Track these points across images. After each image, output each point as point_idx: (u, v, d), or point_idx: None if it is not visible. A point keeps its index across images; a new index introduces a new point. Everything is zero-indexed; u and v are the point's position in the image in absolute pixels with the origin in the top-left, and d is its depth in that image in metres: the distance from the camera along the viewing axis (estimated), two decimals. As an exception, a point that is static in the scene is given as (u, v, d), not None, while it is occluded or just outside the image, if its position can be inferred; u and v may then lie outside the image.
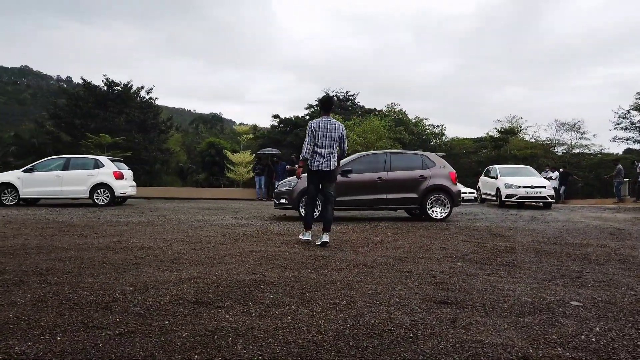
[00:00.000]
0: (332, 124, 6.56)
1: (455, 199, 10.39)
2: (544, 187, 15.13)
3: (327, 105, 6.77)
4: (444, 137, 47.44)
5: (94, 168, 14.11)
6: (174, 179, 54.13)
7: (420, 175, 10.32)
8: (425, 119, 48.56)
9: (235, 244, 6.46)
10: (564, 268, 5.15)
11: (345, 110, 49.78)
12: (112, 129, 46.11)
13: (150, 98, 51.21)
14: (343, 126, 6.74)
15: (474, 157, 42.72)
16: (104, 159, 14.63)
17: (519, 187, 14.99)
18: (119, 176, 14.22)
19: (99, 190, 14.02)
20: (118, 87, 49.53)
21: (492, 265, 5.22)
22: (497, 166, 17.81)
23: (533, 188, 14.96)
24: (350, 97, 52.45)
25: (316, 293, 3.87)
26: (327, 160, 6.46)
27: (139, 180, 45.69)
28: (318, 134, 6.43)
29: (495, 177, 16.42)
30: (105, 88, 49.45)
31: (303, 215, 9.69)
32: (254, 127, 63.81)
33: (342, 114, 46.08)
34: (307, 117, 49.54)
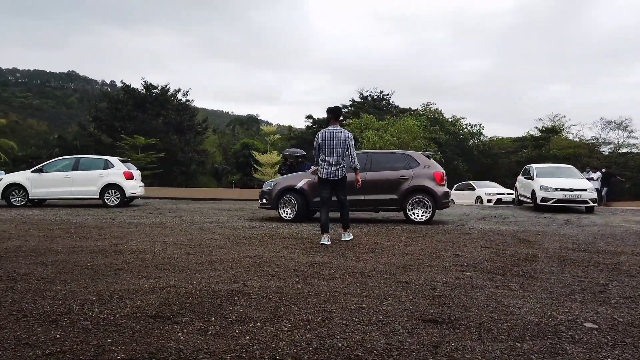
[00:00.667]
0: (337, 133, 6.74)
1: (438, 201, 9.67)
2: (585, 189, 13.39)
3: (335, 114, 6.94)
4: (481, 137, 45.97)
5: (104, 168, 13.99)
6: (209, 179, 54.78)
7: (401, 176, 9.80)
8: (462, 118, 47.30)
9: (233, 248, 6.13)
10: (587, 280, 4.56)
11: (380, 110, 49.04)
12: (149, 130, 47.05)
13: (187, 100, 51.99)
14: (350, 134, 6.93)
15: (513, 157, 41.25)
16: (113, 159, 14.51)
17: (556, 189, 13.33)
18: (129, 176, 14.09)
19: (109, 191, 13.86)
20: (156, 90, 50.49)
21: (505, 276, 4.68)
22: (534, 165, 16.02)
23: (572, 191, 13.22)
24: (385, 97, 51.64)
25: (292, 307, 3.48)
26: (335, 170, 6.72)
27: (175, 181, 46.70)
28: (324, 143, 6.72)
29: (532, 178, 14.92)
30: (143, 91, 50.48)
31: (281, 215, 10.05)
32: (289, 128, 63.89)
33: (375, 114, 45.47)
34: (340, 118, 49.14)
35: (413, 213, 9.78)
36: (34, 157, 52.63)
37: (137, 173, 14.71)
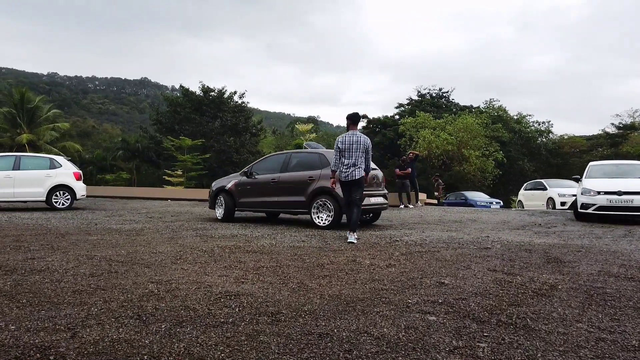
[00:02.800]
0: (357, 137, 7.17)
1: (342, 205, 8.36)
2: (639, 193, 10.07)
3: (354, 119, 7.34)
4: (550, 135, 42.43)
5: (51, 168, 12.76)
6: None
7: (310, 177, 9.05)
8: (529, 116, 43.99)
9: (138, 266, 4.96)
10: (613, 337, 2.96)
11: (438, 108, 46.64)
12: (206, 132, 47.69)
13: (242, 102, 52.21)
14: (368, 139, 7.36)
15: (586, 157, 37.54)
16: (60, 158, 13.39)
17: (599, 193, 10.35)
18: (79, 177, 13.06)
19: (58, 193, 12.63)
20: (213, 93, 51.10)
21: (484, 325, 3.17)
22: (593, 163, 12.70)
23: (621, 195, 10.12)
24: (444, 95, 49.08)
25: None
26: (353, 171, 7.07)
27: (230, 181, 46.77)
28: (344, 146, 7.11)
29: (581, 180, 11.65)
30: (201, 94, 51.25)
31: (216, 215, 10.28)
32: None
33: (433, 112, 43.23)
34: (397, 117, 47.28)
35: (318, 217, 8.92)
36: (100, 159, 54.97)
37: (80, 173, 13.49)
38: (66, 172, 12.90)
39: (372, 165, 8.48)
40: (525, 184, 21.52)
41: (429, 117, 39.06)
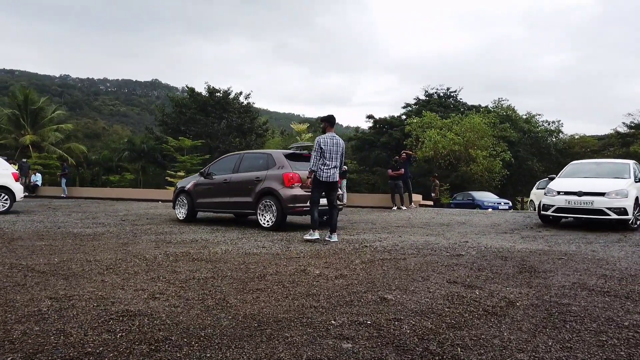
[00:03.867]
0: (337, 140, 7.33)
1: (284, 205, 8.45)
2: (603, 194, 8.73)
3: (330, 121, 7.45)
4: (560, 135, 41.45)
5: None
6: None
7: (256, 178, 8.99)
8: (538, 115, 42.99)
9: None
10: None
11: (446, 108, 45.79)
12: (211, 133, 47.50)
13: (248, 103, 51.88)
14: (344, 142, 7.51)
15: (596, 157, 36.56)
16: None
17: (560, 193, 9.23)
18: (17, 178, 12.26)
19: None
20: (218, 94, 50.80)
21: (404, 356, 2.64)
22: (574, 162, 11.60)
23: (581, 196, 8.85)
24: (452, 94, 48.20)
25: None
26: (334, 173, 7.24)
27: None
28: (327, 148, 7.15)
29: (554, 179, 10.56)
30: (207, 95, 50.98)
31: (177, 216, 10.27)
32: (356, 129, 61.89)
33: (441, 112, 42.44)
34: (404, 117, 46.55)
35: (263, 218, 8.81)
36: (106, 160, 54.96)
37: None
38: (5, 172, 11.95)
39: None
40: (537, 183, 20.73)
41: (435, 117, 38.33)
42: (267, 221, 8.75)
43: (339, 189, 7.97)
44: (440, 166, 35.08)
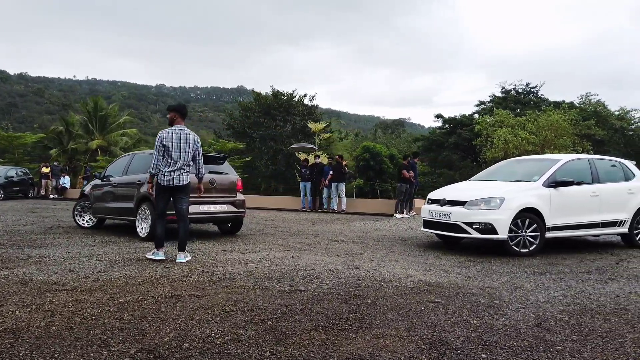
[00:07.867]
0: (186, 134, 5.97)
1: (154, 216, 7.03)
2: (463, 203, 6.63)
3: (180, 112, 6.15)
4: (662, 132, 35.85)
5: None
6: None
7: (138, 181, 7.85)
8: (634, 111, 37.50)
9: None
10: None
11: (525, 105, 41.58)
12: (275, 136, 47.18)
13: (312, 105, 51.19)
14: (197, 137, 6.22)
15: None
16: None
17: (430, 201, 7.46)
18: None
19: None
20: (283, 97, 50.56)
21: None
22: (508, 160, 9.21)
23: (443, 205, 6.96)
24: (532, 90, 43.77)
25: None
26: (179, 175, 5.85)
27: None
28: (171, 144, 5.81)
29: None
30: (272, 98, 50.97)
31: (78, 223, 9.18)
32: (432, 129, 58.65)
33: (518, 109, 38.56)
34: (476, 115, 42.90)
35: (140, 226, 7.68)
36: (178, 164, 56.48)
37: None
38: None
39: (217, 168, 7.54)
40: None
41: (508, 115, 34.74)
42: (141, 230, 7.72)
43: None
44: (511, 168, 31.53)
